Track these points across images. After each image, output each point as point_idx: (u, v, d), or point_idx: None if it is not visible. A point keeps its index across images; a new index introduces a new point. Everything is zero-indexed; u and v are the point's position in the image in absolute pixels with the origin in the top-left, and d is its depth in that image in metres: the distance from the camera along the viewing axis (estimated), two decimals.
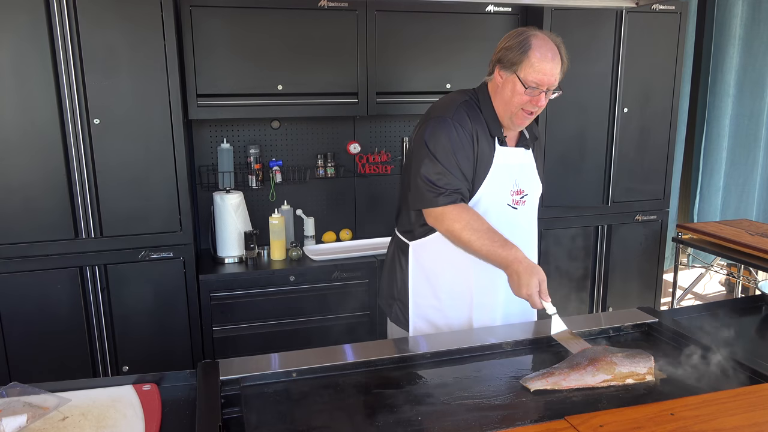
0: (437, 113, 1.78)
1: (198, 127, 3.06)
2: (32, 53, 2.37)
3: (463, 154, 1.71)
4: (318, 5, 2.80)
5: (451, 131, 1.70)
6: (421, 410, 1.31)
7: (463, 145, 1.71)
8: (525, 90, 1.68)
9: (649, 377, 1.42)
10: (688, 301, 4.57)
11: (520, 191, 1.82)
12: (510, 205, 1.81)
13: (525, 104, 1.71)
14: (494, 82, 1.75)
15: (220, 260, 2.91)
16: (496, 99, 1.76)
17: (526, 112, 1.73)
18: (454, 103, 1.77)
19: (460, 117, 1.73)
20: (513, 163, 1.81)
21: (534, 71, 1.66)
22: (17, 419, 1.24)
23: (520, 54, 1.66)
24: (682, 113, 4.27)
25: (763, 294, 2.16)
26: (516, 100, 1.70)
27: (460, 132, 1.71)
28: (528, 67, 1.66)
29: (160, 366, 2.49)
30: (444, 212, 1.68)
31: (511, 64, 1.68)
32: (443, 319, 1.86)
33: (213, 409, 1.25)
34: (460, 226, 1.66)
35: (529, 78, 1.67)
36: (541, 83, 1.68)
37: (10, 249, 2.50)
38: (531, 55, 1.66)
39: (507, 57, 1.69)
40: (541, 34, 1.71)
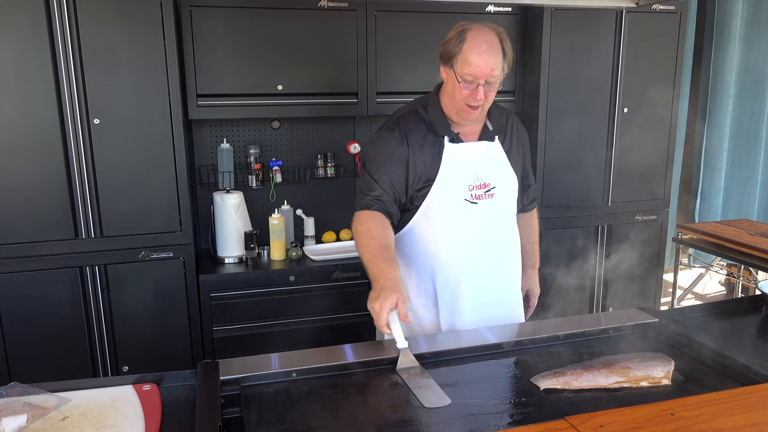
0: (380, 128, 1.85)
1: (198, 127, 3.06)
2: (32, 53, 2.37)
3: (391, 165, 1.75)
4: (318, 5, 2.80)
5: (382, 144, 1.77)
6: (421, 410, 1.31)
7: (393, 156, 1.75)
8: (460, 84, 1.67)
9: (666, 381, 1.41)
10: (688, 301, 4.57)
11: (483, 185, 1.81)
12: (468, 200, 1.80)
13: (466, 98, 1.69)
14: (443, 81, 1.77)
15: (220, 260, 2.91)
16: (444, 97, 1.78)
17: (470, 106, 1.71)
18: (394, 117, 1.83)
19: (394, 130, 1.77)
20: (470, 158, 1.80)
21: (467, 64, 1.64)
22: (17, 419, 1.24)
23: (455, 47, 1.67)
24: (682, 113, 4.27)
25: (763, 294, 2.16)
26: (457, 94, 1.70)
27: (391, 144, 1.76)
28: (462, 60, 1.65)
29: (160, 366, 2.49)
30: (356, 215, 1.75)
31: (449, 59, 1.69)
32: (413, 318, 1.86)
33: (213, 409, 1.25)
34: (361, 229, 1.71)
35: (464, 71, 1.65)
36: (476, 76, 1.65)
37: (10, 249, 2.50)
38: (464, 48, 1.65)
39: (445, 51, 1.70)
40: (479, 26, 1.68)
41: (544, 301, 3.30)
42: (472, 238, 1.83)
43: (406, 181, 1.77)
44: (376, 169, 1.76)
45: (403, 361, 1.50)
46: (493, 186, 1.82)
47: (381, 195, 1.74)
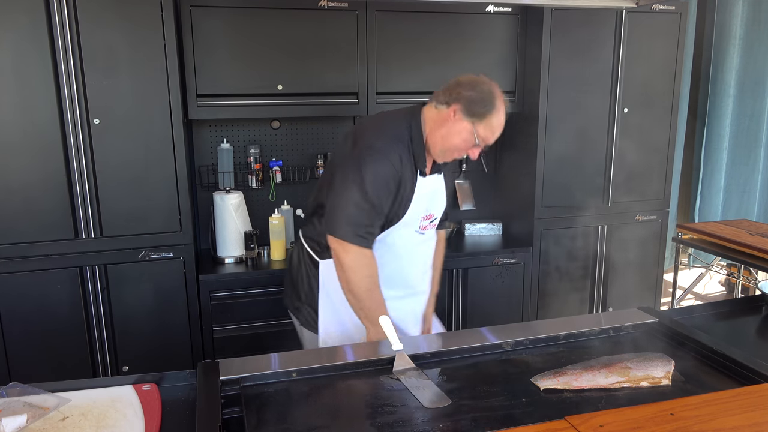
0: (376, 143, 1.77)
1: (198, 127, 3.06)
2: (32, 53, 2.37)
3: (389, 196, 1.77)
4: (318, 5, 2.80)
5: (386, 171, 1.73)
6: (421, 410, 1.31)
7: (392, 187, 1.76)
8: (473, 143, 1.74)
9: (666, 381, 1.41)
10: (688, 301, 4.57)
11: (429, 215, 1.90)
12: (417, 232, 1.89)
13: (465, 152, 1.78)
14: (442, 116, 1.76)
15: (220, 260, 2.91)
16: (435, 131, 1.77)
17: (458, 153, 1.79)
18: (392, 137, 1.78)
19: (396, 158, 1.75)
20: (428, 191, 1.87)
21: (490, 132, 1.73)
22: (17, 419, 1.24)
23: (483, 110, 1.71)
24: (682, 113, 4.27)
25: (763, 294, 2.16)
26: (461, 145, 1.76)
27: (393, 174, 1.75)
28: (487, 126, 1.72)
29: (160, 366, 2.49)
30: (351, 250, 1.74)
31: (472, 115, 1.72)
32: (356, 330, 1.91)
33: (213, 409, 1.25)
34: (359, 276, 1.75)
35: (486, 136, 1.74)
36: (488, 141, 1.75)
37: (10, 249, 2.50)
38: (493, 117, 1.71)
39: (471, 107, 1.72)
40: (501, 95, 1.75)
41: (545, 301, 3.31)
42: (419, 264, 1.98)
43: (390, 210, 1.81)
44: (377, 201, 1.74)
45: (399, 363, 1.50)
46: (435, 216, 1.93)
47: (375, 230, 1.77)
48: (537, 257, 3.22)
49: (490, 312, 3.15)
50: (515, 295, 3.21)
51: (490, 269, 3.14)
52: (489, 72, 3.13)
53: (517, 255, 3.19)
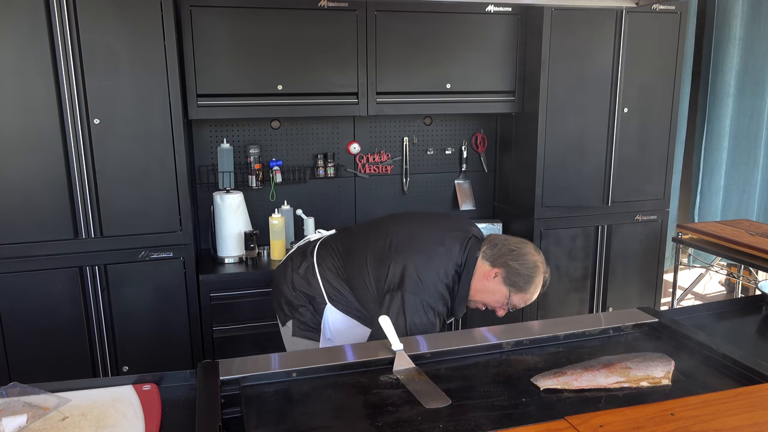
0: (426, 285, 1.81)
1: (198, 127, 3.06)
2: (32, 53, 2.37)
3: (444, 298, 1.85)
4: (318, 5, 2.80)
5: (425, 320, 1.79)
6: (421, 410, 1.31)
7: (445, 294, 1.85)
8: (507, 303, 1.87)
9: (666, 381, 1.41)
10: (688, 301, 4.57)
11: None
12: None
13: (491, 305, 1.90)
14: (485, 271, 1.86)
15: (220, 260, 2.91)
16: (476, 283, 1.88)
17: (485, 306, 1.92)
18: (440, 285, 1.82)
19: (440, 310, 1.82)
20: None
21: (523, 301, 1.87)
22: (17, 419, 1.24)
23: (523, 284, 1.83)
24: (682, 113, 4.27)
25: (763, 294, 2.16)
26: (491, 304, 1.89)
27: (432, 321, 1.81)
28: (522, 297, 1.86)
29: (160, 366, 2.48)
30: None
31: (512, 284, 1.83)
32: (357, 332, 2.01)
33: (213, 409, 1.25)
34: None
35: (516, 302, 1.87)
36: (517, 307, 1.89)
37: (10, 249, 2.50)
38: (530, 291, 1.85)
39: (513, 279, 1.83)
40: (543, 268, 1.86)
41: (545, 301, 3.31)
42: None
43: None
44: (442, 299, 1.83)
45: (399, 363, 1.50)
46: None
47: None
48: None
49: (490, 312, 3.14)
50: None
51: None
52: (489, 72, 3.17)
53: None
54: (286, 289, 2.10)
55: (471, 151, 3.52)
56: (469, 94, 3.12)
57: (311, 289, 2.05)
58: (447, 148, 3.48)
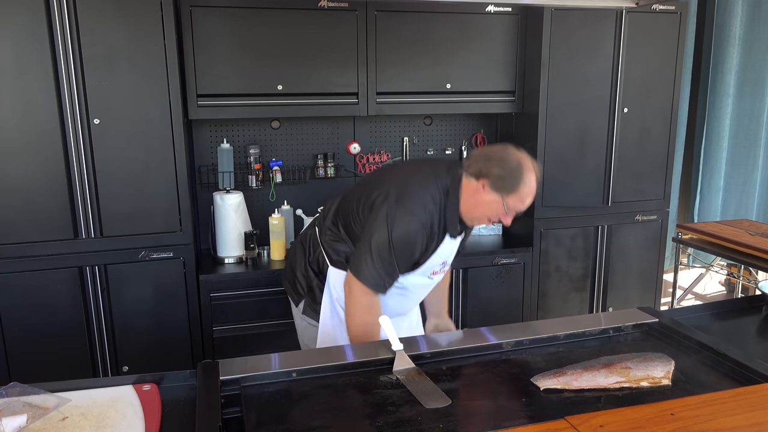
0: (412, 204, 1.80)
1: (198, 127, 3.06)
2: (32, 53, 2.37)
3: (414, 254, 1.84)
4: (318, 5, 2.80)
5: (417, 236, 1.79)
6: (421, 410, 1.31)
7: (420, 247, 1.83)
8: (505, 210, 1.79)
9: (666, 381, 1.41)
10: (688, 301, 4.57)
11: (443, 262, 1.96)
12: (429, 277, 1.96)
13: (494, 218, 1.83)
14: (472, 187, 1.81)
15: (220, 260, 2.91)
16: (467, 201, 1.83)
17: (489, 221, 1.86)
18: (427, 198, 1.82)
19: (428, 219, 1.81)
20: (450, 249, 1.94)
21: (521, 202, 1.78)
22: (17, 419, 1.24)
23: (512, 184, 1.74)
24: (682, 113, 4.27)
25: (763, 294, 2.16)
26: (490, 213, 1.82)
27: (421, 236, 1.80)
28: (516, 198, 1.76)
29: (160, 366, 2.49)
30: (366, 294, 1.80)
31: (501, 189, 1.76)
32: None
33: (213, 409, 1.25)
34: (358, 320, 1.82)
35: (516, 207, 1.79)
36: (519, 210, 1.80)
37: (10, 249, 2.50)
38: (522, 190, 1.75)
39: (500, 184, 1.76)
40: (532, 166, 1.77)
41: (545, 301, 3.31)
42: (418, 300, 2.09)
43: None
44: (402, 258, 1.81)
45: (399, 363, 1.50)
46: (447, 263, 1.99)
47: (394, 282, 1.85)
48: (537, 257, 3.22)
49: (490, 312, 3.15)
50: (515, 295, 3.21)
51: (490, 269, 3.14)
52: (489, 72, 3.17)
53: (517, 255, 3.19)
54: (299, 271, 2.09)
55: (471, 151, 3.52)
56: (469, 94, 3.12)
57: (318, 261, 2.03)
58: (447, 148, 3.48)
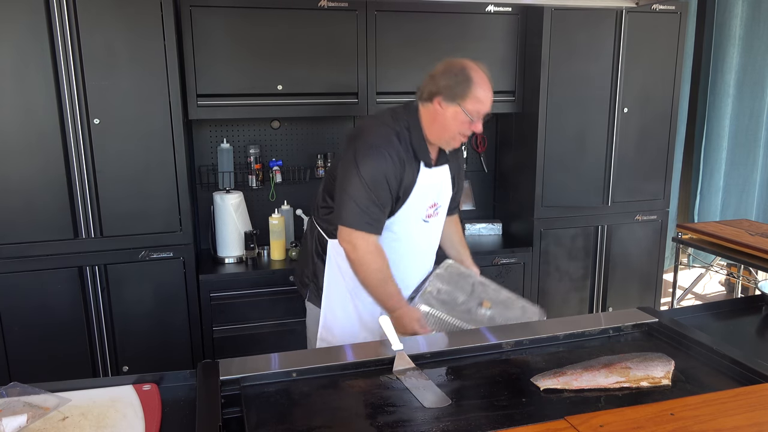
0: (372, 139, 1.85)
1: (198, 127, 3.06)
2: (32, 53, 2.37)
3: (390, 185, 1.84)
4: (318, 5, 2.80)
5: (384, 163, 1.81)
6: (421, 410, 1.31)
7: (393, 177, 1.83)
8: (471, 120, 1.82)
9: (666, 381, 1.41)
10: (688, 301, 4.57)
11: (434, 204, 1.96)
12: (423, 220, 1.95)
13: (464, 130, 1.85)
14: (431, 111, 1.85)
15: (220, 260, 2.91)
16: (431, 126, 1.87)
17: (462, 136, 1.87)
18: (388, 132, 1.86)
19: (394, 149, 1.83)
20: (434, 182, 1.95)
21: (478, 102, 1.81)
22: (17, 419, 1.24)
23: (463, 88, 1.79)
24: (682, 113, 4.27)
25: (763, 294, 2.16)
26: (457, 127, 1.84)
27: (391, 164, 1.82)
28: (473, 99, 1.80)
29: (160, 366, 2.48)
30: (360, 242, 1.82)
31: (455, 97, 1.80)
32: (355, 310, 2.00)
33: (213, 409, 1.25)
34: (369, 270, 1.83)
35: (476, 108, 1.81)
36: (483, 112, 1.83)
37: (10, 249, 2.50)
38: (474, 89, 1.80)
39: (447, 88, 1.81)
40: (476, 66, 1.84)
41: (545, 301, 3.31)
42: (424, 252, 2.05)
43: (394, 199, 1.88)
44: (381, 190, 1.82)
45: (399, 363, 1.50)
46: (440, 205, 1.99)
47: (381, 219, 1.84)
48: (537, 257, 3.22)
49: None
50: None
51: (489, 269, 3.14)
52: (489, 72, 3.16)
53: (517, 255, 3.19)
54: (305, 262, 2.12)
55: (471, 151, 3.52)
56: None
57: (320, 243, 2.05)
58: None
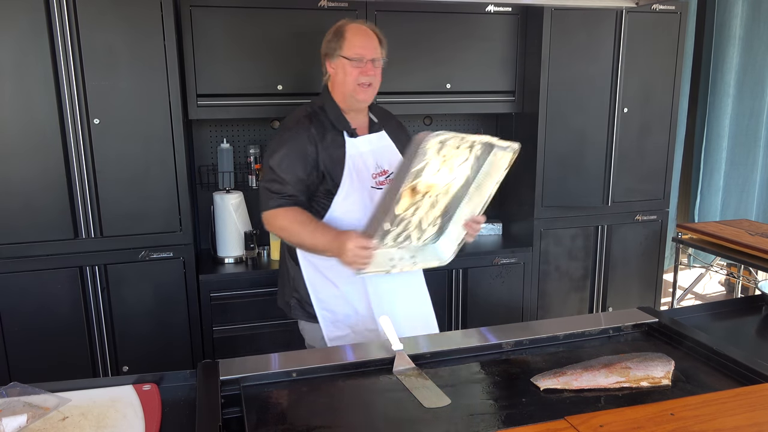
0: (281, 129, 1.98)
1: (198, 127, 3.06)
2: (32, 53, 2.37)
3: (299, 164, 1.88)
4: (318, 5, 2.80)
5: (292, 144, 1.89)
6: (421, 410, 1.31)
7: (299, 156, 1.88)
8: (352, 63, 1.89)
9: (666, 381, 1.41)
10: (688, 301, 4.57)
11: (383, 171, 1.98)
12: (374, 187, 1.96)
13: (358, 77, 1.90)
14: (330, 79, 1.97)
15: (220, 260, 2.91)
16: (335, 91, 1.96)
17: (362, 85, 1.92)
18: (298, 115, 1.96)
19: (298, 130, 1.91)
20: (368, 149, 1.98)
21: (354, 45, 1.90)
22: (17, 419, 1.24)
23: (338, 39, 1.92)
24: (682, 113, 4.27)
25: (763, 294, 2.16)
26: (349, 78, 1.91)
27: (300, 143, 1.89)
28: (348, 45, 1.90)
29: (160, 366, 2.49)
30: (273, 213, 1.89)
31: (334, 50, 1.93)
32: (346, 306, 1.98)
33: (213, 409, 1.25)
34: (287, 222, 1.88)
35: (353, 52, 1.89)
36: (364, 53, 1.90)
37: (10, 249, 2.50)
38: (347, 36, 1.91)
39: (329, 47, 1.95)
40: (351, 21, 1.96)
41: (545, 301, 3.31)
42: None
43: (316, 177, 1.91)
44: (288, 170, 1.88)
45: (399, 363, 1.50)
46: (391, 171, 1.99)
47: (293, 193, 1.89)
48: (537, 257, 3.22)
49: (490, 312, 3.15)
50: (515, 295, 3.21)
51: (490, 269, 3.14)
52: (489, 72, 3.17)
53: (517, 255, 3.19)
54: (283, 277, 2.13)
55: None
56: (469, 94, 3.12)
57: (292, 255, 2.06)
58: None
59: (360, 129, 2.00)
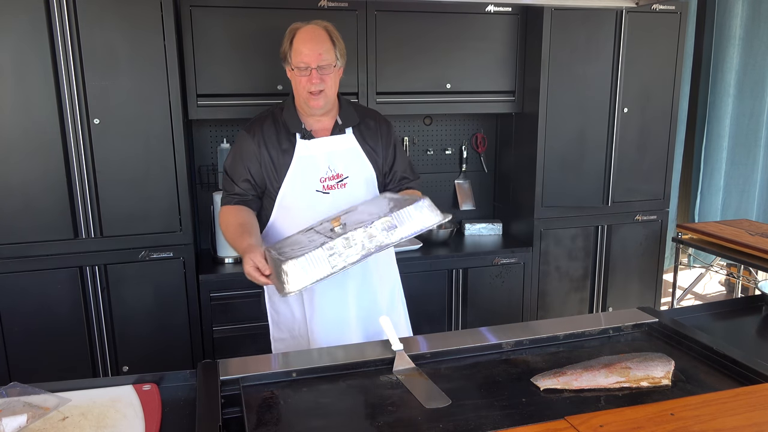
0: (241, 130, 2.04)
1: (198, 127, 3.06)
2: (32, 53, 2.37)
3: (244, 164, 1.95)
4: (318, 5, 2.80)
5: (239, 145, 1.97)
6: (421, 410, 1.31)
7: (248, 154, 1.94)
8: (299, 72, 1.89)
9: (666, 381, 1.41)
10: (688, 301, 4.57)
11: (336, 176, 1.97)
12: (320, 191, 1.96)
13: (305, 86, 1.89)
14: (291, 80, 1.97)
15: (220, 260, 2.91)
16: (295, 94, 1.97)
17: (313, 93, 1.90)
18: (252, 121, 2.02)
19: (258, 128, 1.96)
20: (322, 152, 1.96)
21: (297, 54, 1.89)
22: (17, 419, 1.24)
23: (287, 46, 1.93)
24: (682, 113, 4.27)
25: (763, 294, 2.16)
26: (298, 86, 1.92)
27: (246, 144, 1.95)
28: (294, 54, 1.90)
29: (160, 366, 2.48)
30: (221, 210, 1.98)
31: (285, 57, 1.94)
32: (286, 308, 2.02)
33: (213, 409, 1.26)
34: (224, 220, 1.94)
35: (297, 60, 1.89)
36: (307, 62, 1.87)
37: (10, 249, 2.50)
38: (294, 44, 1.90)
39: (282, 52, 1.95)
40: (306, 23, 1.94)
41: (545, 301, 3.31)
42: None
43: (260, 176, 1.95)
44: (234, 169, 1.96)
45: (399, 363, 1.50)
46: (345, 176, 1.98)
47: (239, 192, 1.95)
48: (537, 257, 3.22)
49: (490, 312, 3.15)
50: (515, 295, 3.21)
51: (490, 269, 3.14)
52: (489, 72, 3.17)
53: (517, 255, 3.19)
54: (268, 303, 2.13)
55: (471, 151, 3.52)
56: (468, 94, 3.12)
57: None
58: (447, 148, 3.48)
59: (321, 131, 1.99)
